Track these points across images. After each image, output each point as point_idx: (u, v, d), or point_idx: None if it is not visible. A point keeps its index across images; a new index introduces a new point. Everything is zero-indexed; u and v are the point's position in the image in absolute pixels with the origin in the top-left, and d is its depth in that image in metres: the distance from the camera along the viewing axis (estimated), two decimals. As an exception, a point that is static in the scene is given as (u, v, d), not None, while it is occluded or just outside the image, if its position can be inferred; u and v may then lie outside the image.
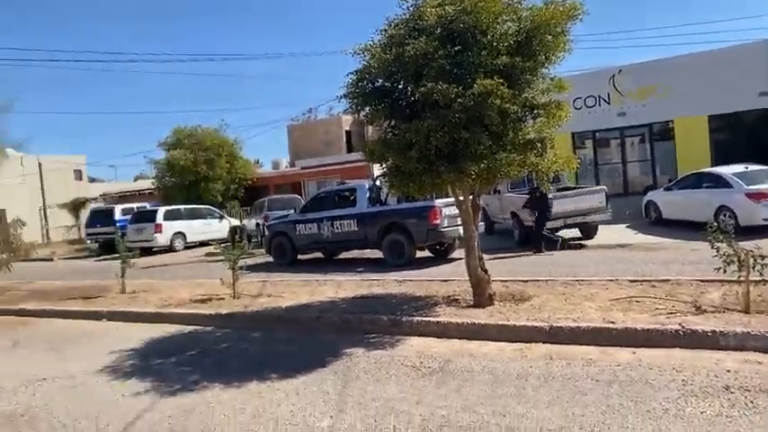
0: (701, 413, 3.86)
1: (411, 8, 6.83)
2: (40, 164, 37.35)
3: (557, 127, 7.01)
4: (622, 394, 4.28)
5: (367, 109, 7.35)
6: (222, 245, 11.30)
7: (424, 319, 6.79)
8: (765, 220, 11.83)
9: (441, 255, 13.25)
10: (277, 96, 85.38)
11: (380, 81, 7.12)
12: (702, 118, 18.59)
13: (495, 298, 7.27)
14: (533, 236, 12.93)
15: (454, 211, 11.60)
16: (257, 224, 20.15)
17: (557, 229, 13.92)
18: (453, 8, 6.36)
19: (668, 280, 7.70)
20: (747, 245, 6.18)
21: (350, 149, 33.38)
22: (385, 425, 4.09)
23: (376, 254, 13.44)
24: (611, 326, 5.73)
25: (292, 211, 16.34)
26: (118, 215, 24.55)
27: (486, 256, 7.79)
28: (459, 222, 11.34)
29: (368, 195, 13.19)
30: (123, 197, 34.82)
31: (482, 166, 6.55)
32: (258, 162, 40.04)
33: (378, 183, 13.26)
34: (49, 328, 9.01)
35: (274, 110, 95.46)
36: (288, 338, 6.98)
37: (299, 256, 14.63)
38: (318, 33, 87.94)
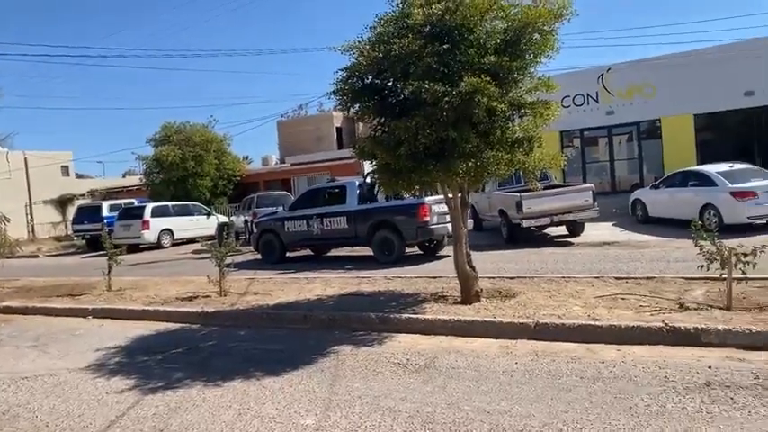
0: (682, 409, 3.91)
1: (399, 6, 6.83)
2: (26, 159, 36.95)
3: (544, 126, 7.05)
4: (606, 391, 4.32)
5: (356, 106, 7.36)
6: (210, 242, 11.25)
7: (411, 316, 6.81)
8: (749, 218, 11.98)
9: (430, 252, 13.29)
10: (268, 92, 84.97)
11: (370, 78, 7.13)
12: (688, 117, 18.79)
13: (482, 295, 7.31)
14: None
15: (444, 208, 11.66)
16: (245, 221, 20.07)
17: (544, 227, 14.04)
18: (439, 6, 6.37)
19: (653, 277, 7.78)
20: (731, 243, 6.26)
21: (340, 146, 33.34)
22: (370, 422, 4.10)
23: (365, 251, 13.46)
24: (595, 323, 5.79)
25: (281, 208, 16.30)
26: (105, 211, 24.35)
27: (474, 253, 7.82)
28: (448, 219, 11.45)
29: (358, 192, 13.18)
30: (111, 193, 34.57)
31: (470, 164, 6.58)
32: (247, 158, 39.85)
33: (368, 180, 13.28)
34: (34, 326, 8.93)
35: (265, 105, 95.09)
36: (274, 336, 6.97)
37: (288, 254, 14.61)
38: (317, 27, 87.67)
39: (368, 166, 10.15)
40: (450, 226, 11.37)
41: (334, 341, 6.35)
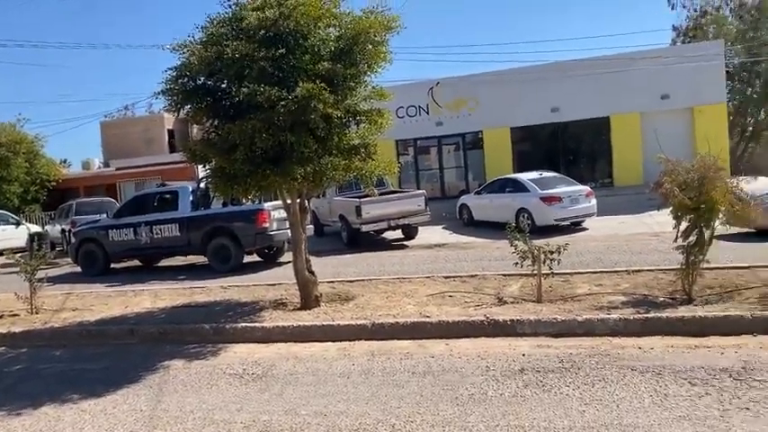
0: (500, 395, 4.30)
1: (233, 8, 6.68)
2: None
3: (379, 133, 7.33)
4: (435, 384, 4.60)
5: (188, 107, 7.08)
6: (19, 254, 9.99)
7: (248, 325, 6.66)
8: (556, 220, 13.51)
9: (270, 259, 13.08)
10: (90, 91, 77.44)
11: (202, 79, 6.89)
12: (505, 130, 20.74)
13: (321, 299, 7.37)
14: None
15: (283, 214, 11.56)
16: (63, 230, 18.14)
17: (381, 231, 14.54)
18: (273, 11, 6.34)
19: (476, 275, 8.43)
20: (540, 242, 7.00)
21: (173, 149, 31.48)
22: (203, 437, 3.94)
23: (200, 260, 12.88)
24: (426, 320, 6.14)
25: (105, 215, 14.98)
26: None
27: (315, 258, 7.87)
28: (288, 226, 11.38)
29: (191, 198, 12.57)
30: None
31: (308, 169, 6.63)
32: (65, 162, 36.07)
33: (202, 185, 12.72)
34: None
35: (86, 104, 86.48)
36: (96, 355, 6.39)
37: (113, 265, 13.47)
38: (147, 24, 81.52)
39: (202, 171, 9.76)
40: (290, 232, 11.38)
41: (165, 356, 5.99)
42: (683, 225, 6.18)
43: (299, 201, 7.51)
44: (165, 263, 13.93)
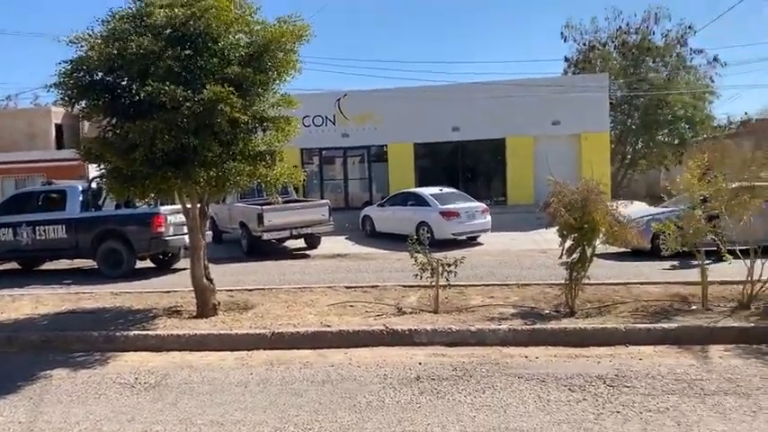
0: (397, 402, 4.45)
1: (138, 3, 6.47)
2: None
3: (285, 141, 7.33)
4: (334, 392, 4.68)
5: (83, 103, 6.76)
6: None
7: (141, 332, 6.39)
8: (453, 234, 14.06)
9: (164, 265, 12.55)
10: (-37, 75, 70.20)
11: (100, 75, 6.61)
12: (409, 145, 21.33)
13: (219, 308, 7.22)
14: None
15: (180, 218, 11.16)
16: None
17: (283, 240, 14.42)
18: (182, 11, 6.22)
19: (377, 286, 8.60)
20: (439, 255, 7.29)
21: (60, 146, 29.39)
22: (90, 449, 3.76)
23: (88, 264, 12.12)
24: (327, 329, 6.20)
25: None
26: None
27: (213, 266, 7.69)
28: (185, 231, 10.99)
29: (81, 198, 11.83)
30: None
31: (212, 173, 6.52)
32: (-69, 152, 32.52)
33: (93, 185, 12.01)
34: None
35: (-41, 92, 78.21)
36: (-33, 364, 5.87)
37: (-14, 267, 12.37)
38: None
39: (94, 170, 9.24)
40: (187, 238, 10.99)
41: (48, 365, 5.62)
42: (568, 243, 6.69)
43: (199, 206, 7.33)
44: (48, 266, 12.97)
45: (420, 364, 5.32)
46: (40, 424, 4.19)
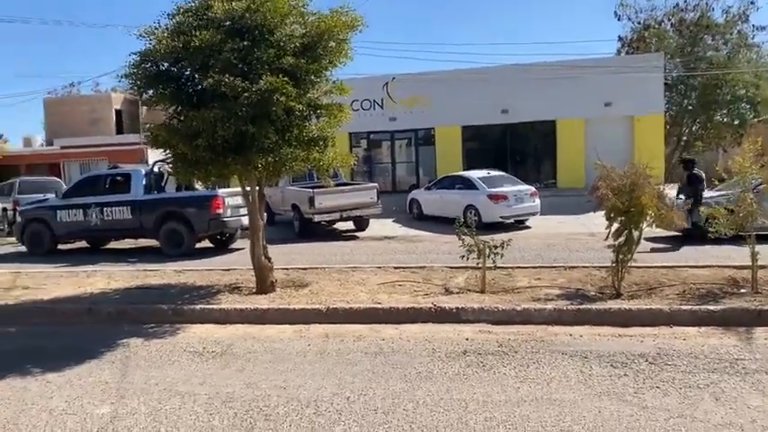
0: (445, 373, 4.73)
1: (200, -3, 6.85)
2: None
3: (338, 127, 7.65)
4: (386, 363, 5.00)
5: (150, 92, 7.18)
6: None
7: (206, 306, 6.88)
8: (501, 217, 14.16)
9: (222, 245, 13.19)
10: (30, 65, 73.58)
11: (166, 65, 7.02)
12: (457, 128, 21.34)
13: (276, 285, 7.65)
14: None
15: (237, 201, 11.71)
16: (4, 209, 17.61)
17: (333, 222, 14.84)
18: (240, 4, 6.55)
19: (425, 267, 8.87)
20: (486, 238, 7.49)
21: (120, 131, 30.73)
22: (170, 405, 4.20)
23: (150, 243, 12.85)
24: (378, 305, 6.53)
25: (52, 195, 14.67)
26: None
27: (268, 246, 8.12)
28: (242, 212, 11.54)
29: (144, 181, 12.52)
30: None
31: (269, 159, 6.89)
32: (2, 137, 34.54)
33: (156, 168, 12.69)
34: None
35: (27, 80, 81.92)
36: (53, 332, 6.48)
37: (60, 246, 13.27)
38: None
39: (153, 154, 9.80)
40: (242, 219, 11.54)
41: (125, 334, 6.16)
42: (615, 226, 6.77)
43: (257, 188, 7.74)
44: (114, 245, 13.82)
45: (467, 339, 5.58)
46: (125, 384, 4.68)
